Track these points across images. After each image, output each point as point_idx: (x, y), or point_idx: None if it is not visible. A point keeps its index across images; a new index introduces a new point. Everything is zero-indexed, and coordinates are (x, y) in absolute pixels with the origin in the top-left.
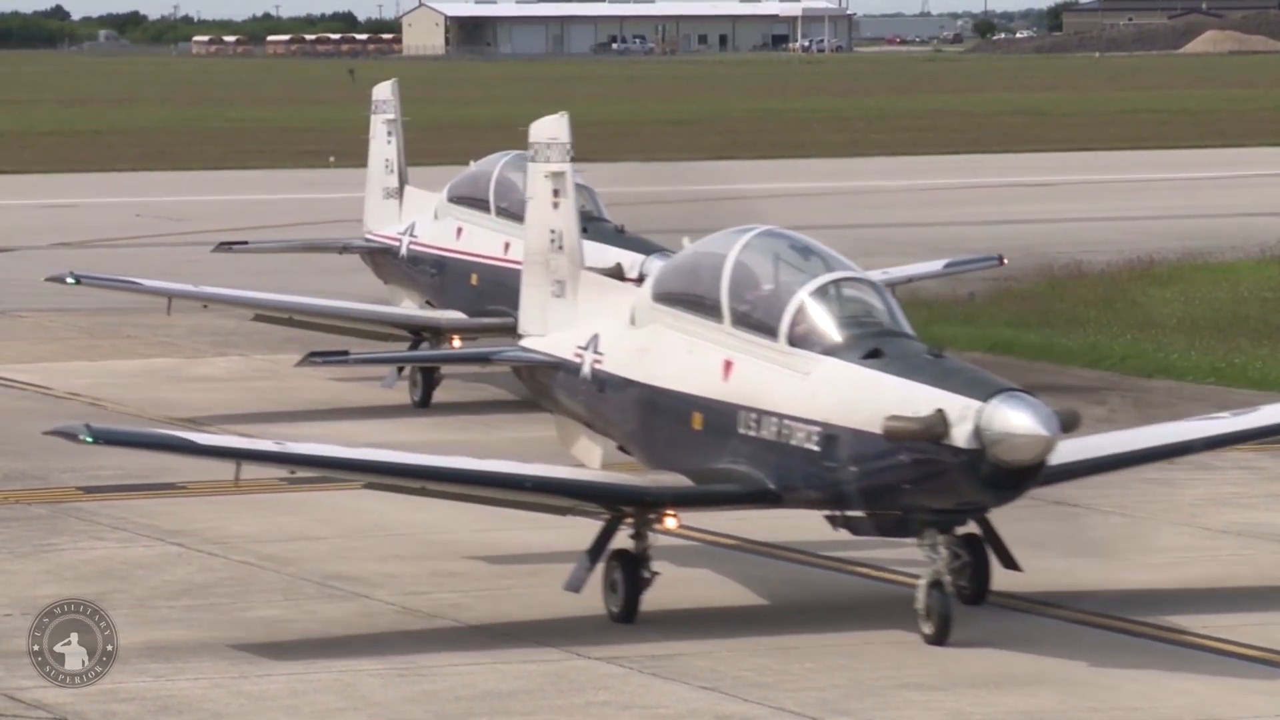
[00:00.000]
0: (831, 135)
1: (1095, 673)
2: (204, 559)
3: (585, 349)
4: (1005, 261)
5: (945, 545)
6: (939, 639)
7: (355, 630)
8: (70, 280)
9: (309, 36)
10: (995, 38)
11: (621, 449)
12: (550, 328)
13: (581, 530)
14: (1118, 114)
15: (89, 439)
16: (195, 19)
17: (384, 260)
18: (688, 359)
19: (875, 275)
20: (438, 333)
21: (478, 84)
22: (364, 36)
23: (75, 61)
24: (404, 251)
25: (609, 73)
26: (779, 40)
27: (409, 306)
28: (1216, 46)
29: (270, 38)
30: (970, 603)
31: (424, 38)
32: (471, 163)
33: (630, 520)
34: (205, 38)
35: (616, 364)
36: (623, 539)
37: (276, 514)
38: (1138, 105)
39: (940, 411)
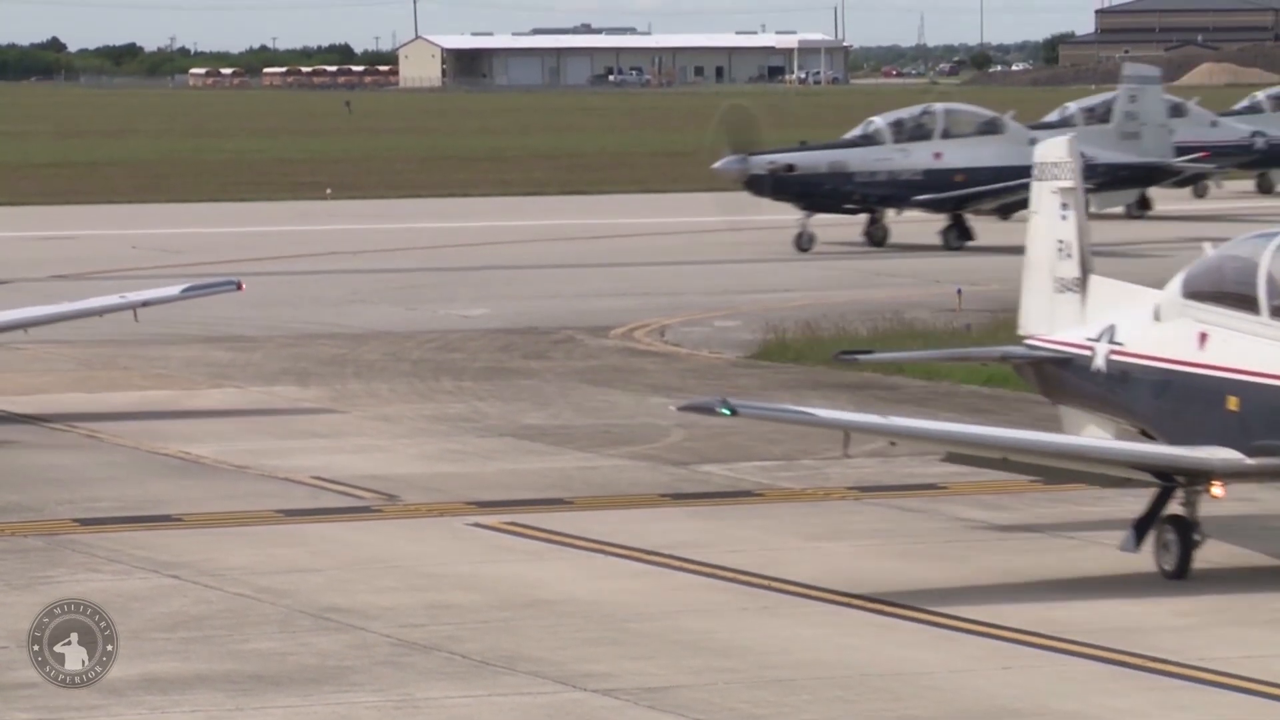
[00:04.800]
0: None
1: (1092, 705)
2: (200, 591)
3: None
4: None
5: None
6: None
7: (351, 663)
8: (724, 411)
9: (305, 69)
10: (992, 70)
11: None
12: None
13: (579, 563)
14: None
15: None
16: (192, 51)
17: (1059, 373)
18: None
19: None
20: (1201, 477)
21: (474, 116)
22: (360, 69)
23: (72, 93)
24: (1099, 363)
25: (606, 104)
26: (775, 72)
27: (1094, 434)
28: (1212, 79)
29: (266, 70)
30: None
31: (420, 70)
32: (1207, 246)
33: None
34: (202, 70)
35: None
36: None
37: (272, 546)
38: None
39: None
